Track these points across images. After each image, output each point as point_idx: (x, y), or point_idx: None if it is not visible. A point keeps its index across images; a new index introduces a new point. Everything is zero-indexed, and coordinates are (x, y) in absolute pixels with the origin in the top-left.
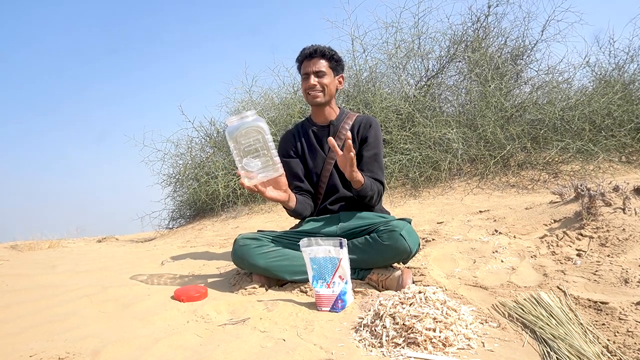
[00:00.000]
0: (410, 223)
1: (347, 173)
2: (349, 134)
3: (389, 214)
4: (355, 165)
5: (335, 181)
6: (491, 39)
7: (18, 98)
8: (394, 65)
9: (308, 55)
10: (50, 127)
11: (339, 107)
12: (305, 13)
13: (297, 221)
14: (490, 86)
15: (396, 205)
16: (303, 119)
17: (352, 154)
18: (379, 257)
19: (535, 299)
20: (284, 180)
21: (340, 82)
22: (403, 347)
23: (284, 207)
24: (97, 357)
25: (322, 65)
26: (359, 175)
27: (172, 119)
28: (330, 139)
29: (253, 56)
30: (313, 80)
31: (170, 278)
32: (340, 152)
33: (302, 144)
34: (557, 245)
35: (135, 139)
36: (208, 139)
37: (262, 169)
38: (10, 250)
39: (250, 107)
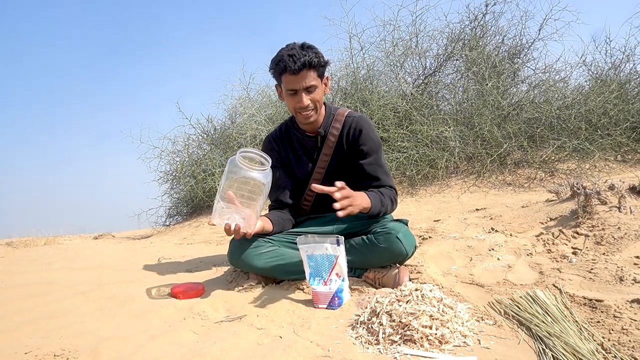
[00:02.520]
0: (406, 224)
1: (351, 212)
2: (337, 194)
3: None
4: (352, 199)
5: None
6: (488, 38)
7: (15, 96)
8: (392, 63)
9: (294, 72)
10: (47, 124)
11: (324, 104)
12: (303, 10)
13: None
14: (487, 84)
15: None
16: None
17: (347, 199)
18: (375, 259)
19: (531, 296)
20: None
21: (326, 85)
22: (399, 344)
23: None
24: (93, 354)
25: (312, 77)
26: (362, 205)
27: (170, 116)
28: (315, 186)
29: (250, 53)
30: (306, 99)
31: (167, 275)
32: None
33: (287, 153)
34: (553, 244)
35: (132, 136)
36: (205, 136)
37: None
38: (6, 247)
39: (247, 104)
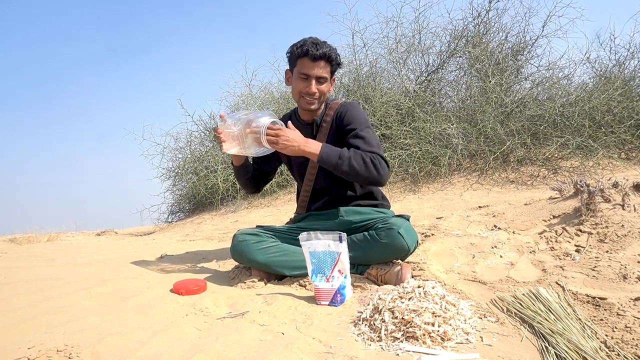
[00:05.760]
0: (408, 220)
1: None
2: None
3: (389, 207)
4: (283, 132)
5: (325, 180)
6: (492, 35)
7: (16, 94)
8: (395, 60)
9: (313, 58)
10: (49, 122)
11: None
12: (306, 6)
13: (295, 216)
14: (490, 82)
15: (396, 201)
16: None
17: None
18: (377, 254)
19: (533, 294)
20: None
21: (331, 84)
22: (402, 341)
23: (233, 161)
24: (96, 350)
25: (326, 70)
26: (295, 142)
27: (172, 112)
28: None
29: (253, 50)
30: (314, 87)
31: (169, 271)
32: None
33: None
34: (556, 241)
35: (135, 133)
36: (207, 132)
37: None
38: (9, 243)
39: (250, 101)
